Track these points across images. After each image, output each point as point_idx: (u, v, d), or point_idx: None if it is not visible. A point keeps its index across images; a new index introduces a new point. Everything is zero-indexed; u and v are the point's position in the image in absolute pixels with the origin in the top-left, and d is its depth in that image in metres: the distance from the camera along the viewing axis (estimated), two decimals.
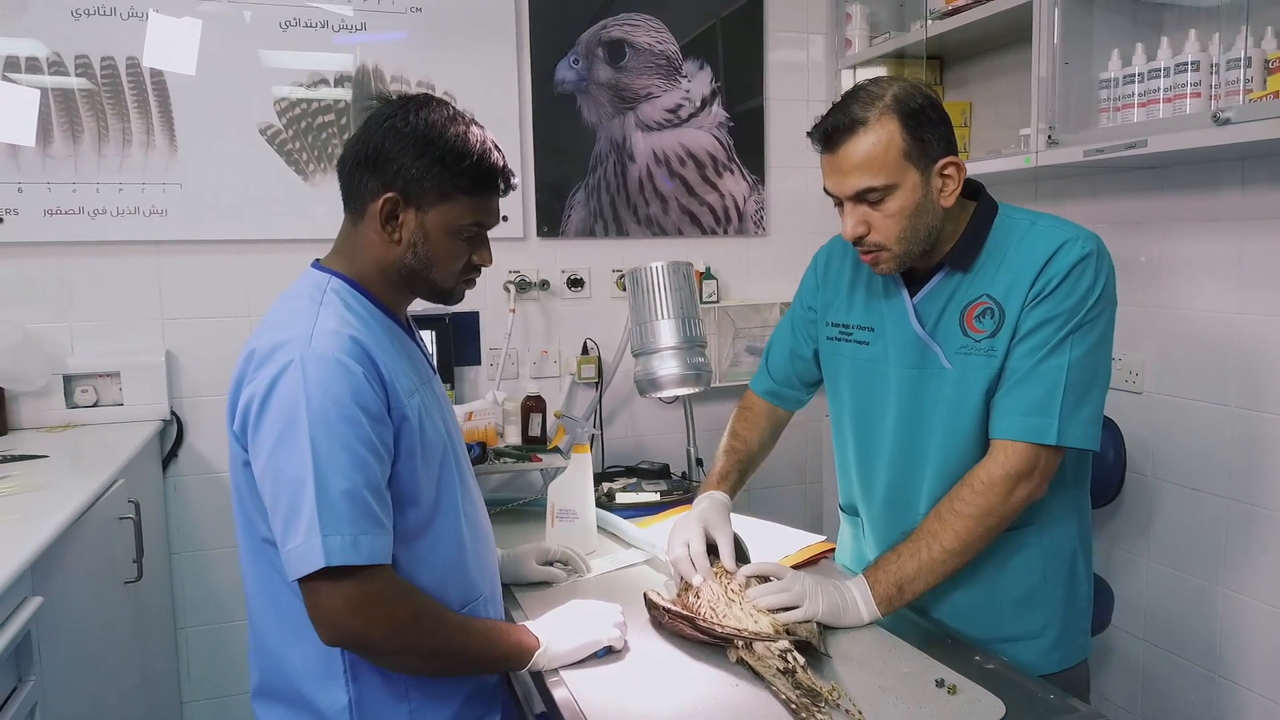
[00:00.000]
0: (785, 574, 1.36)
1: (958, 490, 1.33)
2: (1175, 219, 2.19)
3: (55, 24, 2.28)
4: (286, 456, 1.10)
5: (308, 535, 1.08)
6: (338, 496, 1.09)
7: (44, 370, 2.30)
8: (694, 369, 1.77)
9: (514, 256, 2.72)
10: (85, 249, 2.37)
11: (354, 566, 1.09)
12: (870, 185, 1.29)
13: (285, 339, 1.14)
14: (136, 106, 2.36)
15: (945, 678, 1.16)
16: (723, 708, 1.12)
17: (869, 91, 1.31)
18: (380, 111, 1.24)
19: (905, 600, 1.34)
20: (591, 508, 1.69)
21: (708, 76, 2.84)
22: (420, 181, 1.20)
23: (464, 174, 1.21)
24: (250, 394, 1.14)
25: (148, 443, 2.27)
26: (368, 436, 1.12)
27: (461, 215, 1.24)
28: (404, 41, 2.53)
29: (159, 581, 2.37)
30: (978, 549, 1.34)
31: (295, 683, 1.23)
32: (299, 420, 1.09)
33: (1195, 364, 2.16)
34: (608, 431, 2.82)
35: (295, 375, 1.11)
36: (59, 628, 1.50)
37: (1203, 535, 2.16)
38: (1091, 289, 1.30)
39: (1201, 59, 1.85)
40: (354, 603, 1.10)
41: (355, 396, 1.12)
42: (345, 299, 1.23)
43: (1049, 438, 1.29)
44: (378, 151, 1.21)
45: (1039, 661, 1.42)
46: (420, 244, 1.23)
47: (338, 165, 1.29)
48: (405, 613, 1.14)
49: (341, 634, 1.12)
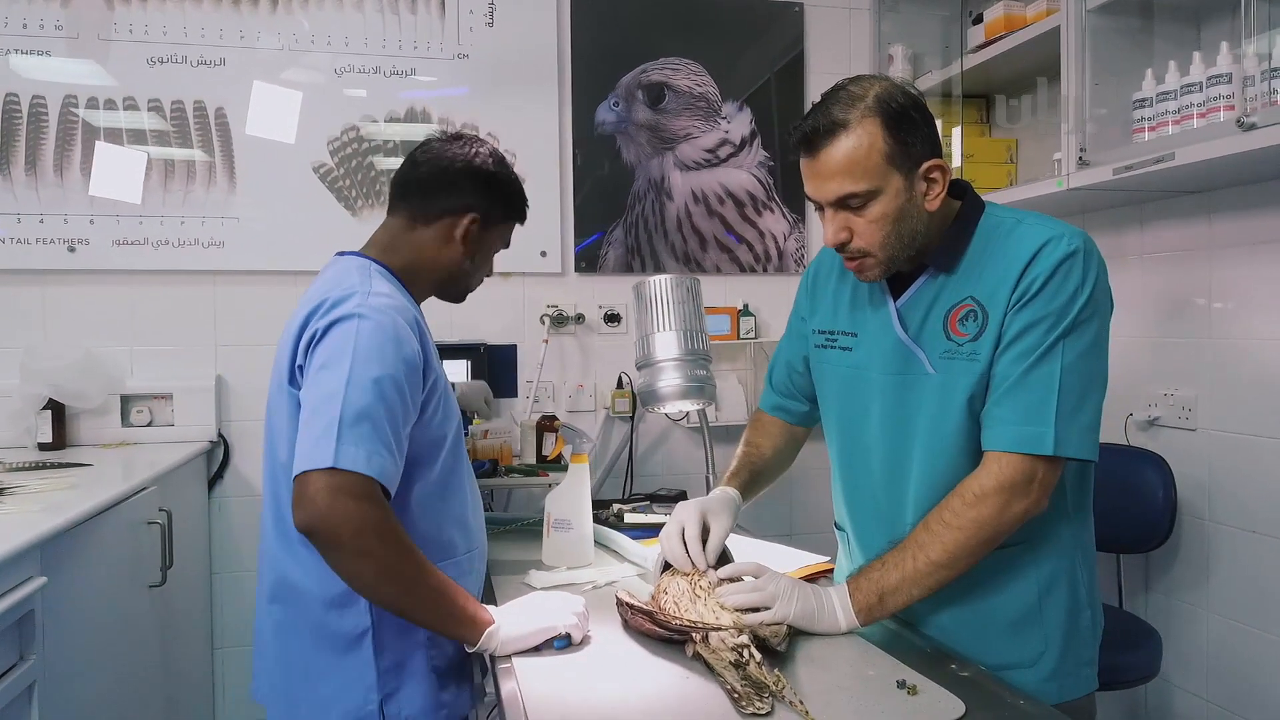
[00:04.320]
0: (762, 573, 1.31)
1: (948, 501, 1.25)
2: (1224, 245, 2.08)
3: (133, 70, 2.48)
4: (326, 377, 1.21)
5: (322, 438, 1.15)
6: (360, 416, 1.17)
7: (103, 390, 2.44)
8: (696, 381, 1.75)
9: (552, 291, 2.77)
10: (148, 277, 2.53)
11: (356, 475, 1.14)
12: (852, 191, 1.23)
13: (347, 286, 1.30)
14: (201, 145, 2.53)
15: (908, 679, 1.09)
16: (666, 700, 1.08)
17: (850, 92, 1.24)
18: (459, 142, 1.48)
19: (886, 612, 1.27)
20: (588, 519, 1.67)
21: (747, 117, 2.88)
22: (494, 207, 1.47)
23: (515, 204, 1.52)
24: (315, 325, 1.27)
25: (190, 459, 2.37)
26: (401, 382, 1.23)
27: (506, 236, 1.54)
28: (450, 84, 2.66)
29: (194, 595, 2.44)
30: (968, 564, 1.25)
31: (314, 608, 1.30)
32: (345, 352, 1.21)
33: (1252, 397, 2.02)
34: (642, 467, 2.80)
35: (353, 320, 1.24)
36: (67, 613, 1.56)
37: (1268, 584, 1.99)
38: (1080, 289, 1.22)
39: (1234, 70, 1.78)
40: (336, 488, 1.13)
41: (399, 348, 1.25)
42: (389, 280, 1.40)
43: (1045, 448, 1.20)
44: (467, 177, 1.44)
45: (1035, 691, 1.31)
46: (478, 255, 1.50)
47: (415, 174, 1.47)
48: (380, 519, 1.16)
49: (312, 517, 1.13)
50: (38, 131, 2.44)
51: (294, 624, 1.32)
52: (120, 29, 2.47)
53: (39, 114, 2.44)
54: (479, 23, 2.68)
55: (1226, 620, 2.09)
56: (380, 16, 2.63)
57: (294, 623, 1.32)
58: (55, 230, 2.46)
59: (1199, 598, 2.16)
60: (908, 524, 1.33)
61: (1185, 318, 2.16)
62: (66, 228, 2.46)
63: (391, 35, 2.64)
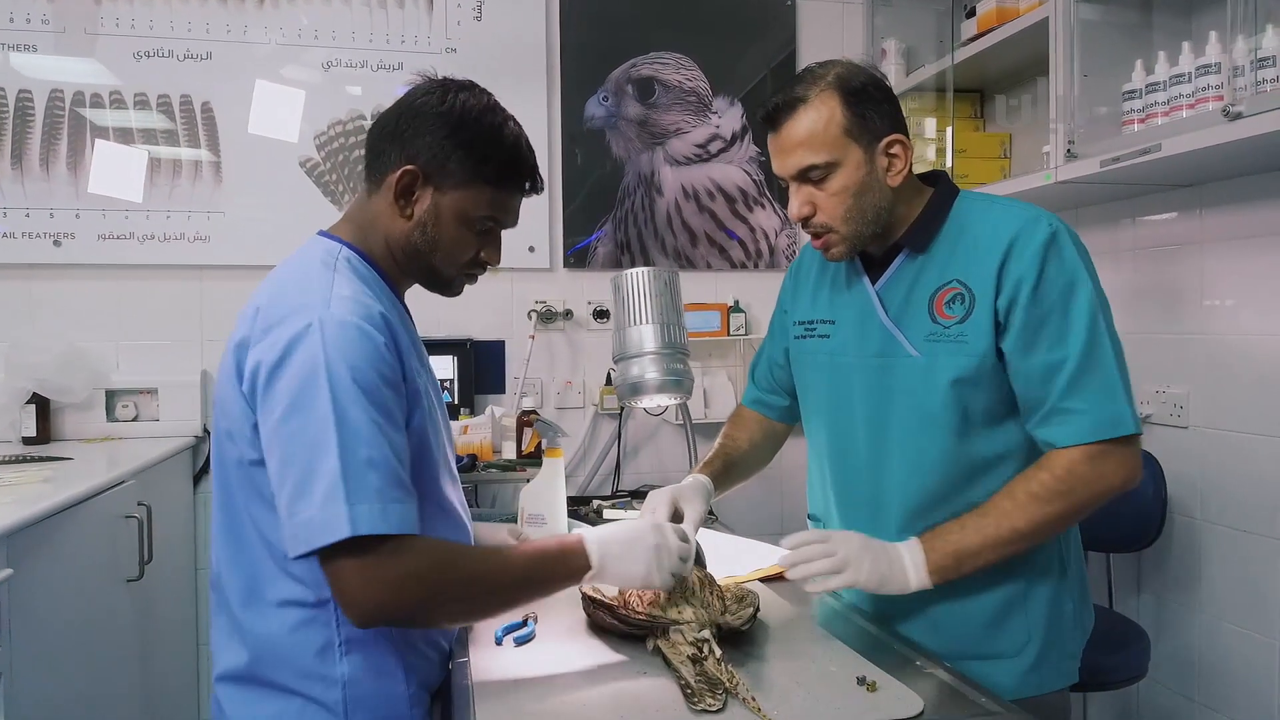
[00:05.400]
0: (830, 536, 1.25)
1: (1036, 474, 1.23)
2: (1216, 239, 2.05)
3: (120, 64, 2.48)
4: (302, 421, 1.01)
5: (326, 503, 0.98)
6: (364, 465, 1.00)
7: (87, 384, 2.43)
8: (674, 375, 1.72)
9: (541, 287, 2.75)
10: (134, 271, 2.52)
11: (381, 537, 1.00)
12: (812, 162, 1.26)
13: (301, 303, 1.07)
14: (188, 140, 2.53)
15: (869, 675, 1.07)
16: (620, 697, 1.05)
17: (813, 72, 1.30)
18: (419, 87, 1.21)
19: (959, 574, 1.24)
20: (562, 513, 1.65)
21: (738, 112, 2.85)
22: (444, 161, 1.16)
23: (490, 162, 1.18)
24: (260, 357, 1.06)
25: (172, 454, 2.36)
26: (388, 406, 1.06)
27: (479, 205, 1.19)
28: None
29: (177, 592, 2.43)
30: (1045, 539, 1.26)
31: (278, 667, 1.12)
32: (317, 385, 1.01)
33: (1244, 394, 1.98)
34: (632, 464, 2.78)
35: (314, 339, 1.03)
36: (35, 606, 1.54)
37: (1259, 583, 1.95)
38: (1076, 265, 1.23)
39: (1223, 60, 1.75)
40: (381, 578, 1.00)
41: (375, 364, 1.05)
42: (358, 269, 1.18)
43: (1126, 427, 1.20)
44: (408, 124, 1.17)
45: (1017, 683, 1.29)
46: (430, 224, 1.19)
47: (367, 134, 1.25)
48: (426, 573, 1.03)
49: (371, 616, 1.02)
50: (24, 126, 2.44)
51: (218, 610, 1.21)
52: (107, 23, 2.47)
53: (25, 108, 2.43)
54: (467, 17, 2.67)
55: (1217, 620, 2.06)
56: (368, 11, 2.62)
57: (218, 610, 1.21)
58: (41, 225, 2.45)
59: (1190, 597, 2.12)
60: (891, 507, 1.33)
61: (1177, 314, 2.13)
62: (52, 222, 2.46)
63: (379, 29, 2.63)
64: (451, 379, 2.60)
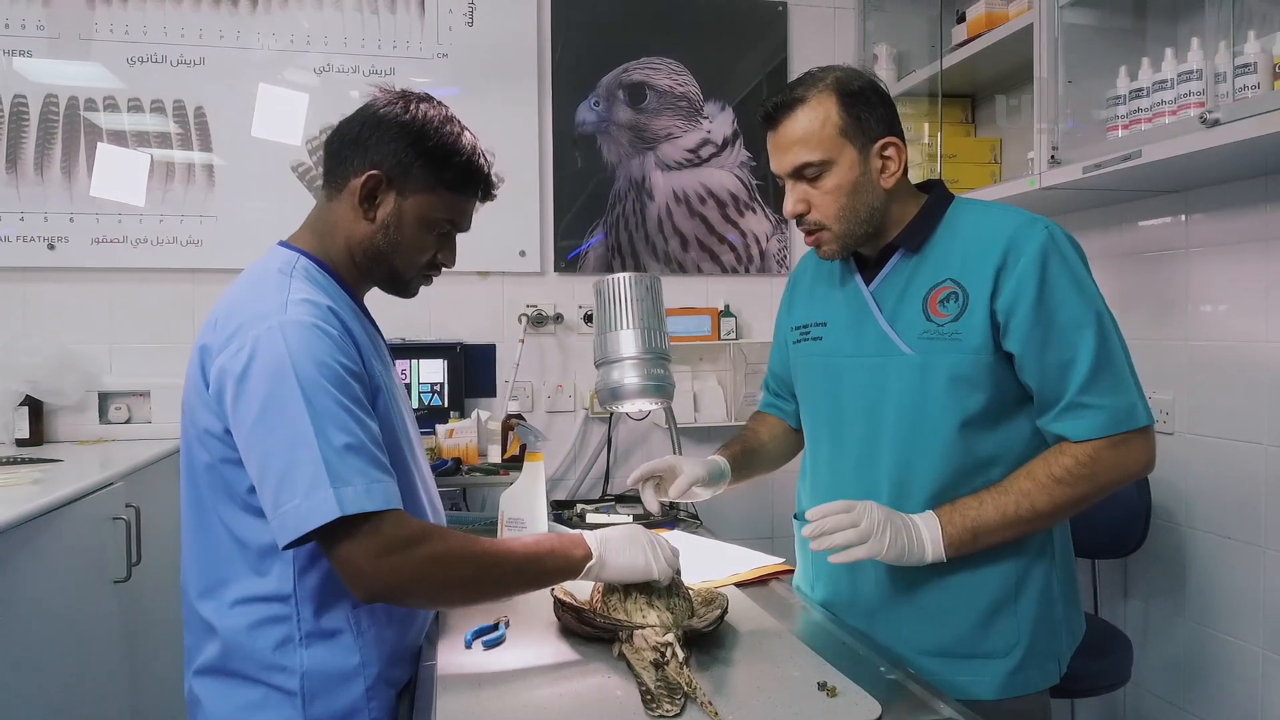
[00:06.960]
0: (854, 506, 1.26)
1: (1058, 458, 1.25)
2: (1201, 245, 2.04)
3: (114, 69, 2.50)
4: (276, 419, 1.06)
5: (312, 490, 1.03)
6: (343, 450, 1.05)
7: (79, 386, 2.45)
8: (654, 379, 1.72)
9: (532, 291, 2.76)
10: (127, 275, 2.54)
11: (369, 515, 1.04)
12: (807, 160, 1.30)
13: (260, 310, 1.11)
14: (181, 144, 2.55)
15: (829, 680, 1.07)
16: (583, 700, 1.06)
17: (813, 75, 1.34)
18: (380, 98, 1.27)
19: (976, 549, 1.26)
20: (542, 517, 1.66)
21: (729, 118, 2.86)
22: (408, 167, 1.22)
23: (450, 169, 1.24)
24: (224, 364, 1.10)
25: (163, 457, 2.37)
26: (357, 395, 1.11)
27: (438, 209, 1.25)
28: (430, 84, 2.66)
29: (168, 594, 2.44)
30: (1060, 521, 1.31)
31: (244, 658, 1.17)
32: (286, 383, 1.06)
33: (1230, 400, 1.98)
34: (622, 468, 2.79)
35: (275, 341, 1.08)
36: (17, 606, 1.56)
37: (1243, 590, 1.95)
38: (1078, 264, 1.27)
39: (1204, 67, 1.75)
40: (377, 551, 1.05)
41: (337, 357, 1.10)
42: (314, 276, 1.22)
43: (1140, 419, 1.24)
44: (371, 132, 1.22)
45: (1002, 684, 1.30)
46: (393, 228, 1.24)
47: (325, 141, 1.29)
48: (431, 551, 1.08)
49: (373, 588, 1.07)
50: (19, 130, 2.46)
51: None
52: (101, 29, 2.49)
53: (20, 113, 2.46)
54: (458, 22, 2.69)
55: (1202, 626, 2.05)
56: (360, 16, 2.64)
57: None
58: (35, 228, 2.47)
59: (1174, 603, 2.12)
60: (883, 504, 1.32)
61: (1162, 319, 2.13)
62: (47, 226, 2.48)
63: (371, 35, 2.64)
64: (442, 382, 2.61)
